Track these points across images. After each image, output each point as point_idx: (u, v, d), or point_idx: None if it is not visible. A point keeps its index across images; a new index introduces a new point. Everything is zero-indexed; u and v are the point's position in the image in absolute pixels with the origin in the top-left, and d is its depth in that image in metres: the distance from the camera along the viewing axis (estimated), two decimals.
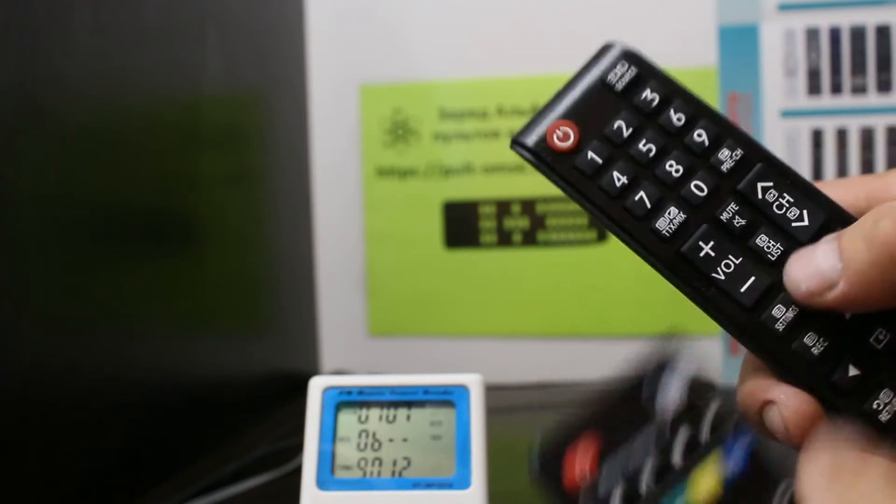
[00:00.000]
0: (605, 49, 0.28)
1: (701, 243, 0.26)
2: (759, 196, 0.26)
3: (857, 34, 0.76)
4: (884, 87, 0.76)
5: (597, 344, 0.81)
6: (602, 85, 0.27)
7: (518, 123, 0.82)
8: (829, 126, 0.77)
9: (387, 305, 0.85)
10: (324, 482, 0.40)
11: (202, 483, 0.53)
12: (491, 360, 0.82)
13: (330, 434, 0.41)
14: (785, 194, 0.26)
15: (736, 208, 0.26)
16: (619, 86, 0.27)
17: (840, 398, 0.25)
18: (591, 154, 0.26)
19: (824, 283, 0.24)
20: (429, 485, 0.40)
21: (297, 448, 0.52)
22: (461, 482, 0.40)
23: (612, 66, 0.27)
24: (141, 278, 0.55)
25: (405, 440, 0.41)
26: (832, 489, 0.22)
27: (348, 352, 0.86)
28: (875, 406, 0.24)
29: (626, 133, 0.27)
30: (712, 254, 0.25)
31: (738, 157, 0.26)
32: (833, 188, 0.27)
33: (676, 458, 0.25)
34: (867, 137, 0.76)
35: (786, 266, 0.25)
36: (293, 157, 0.82)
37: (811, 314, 0.25)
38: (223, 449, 0.62)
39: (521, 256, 0.82)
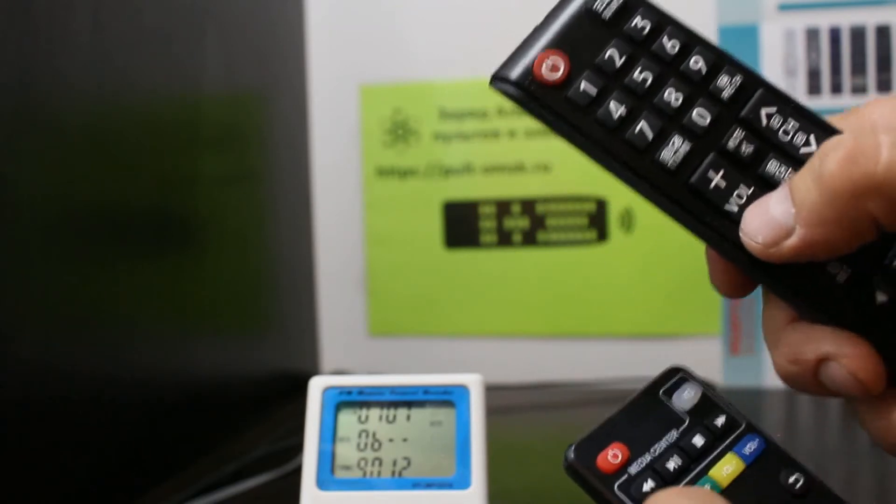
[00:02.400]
0: None
1: (710, 173, 0.24)
2: (764, 123, 0.25)
3: (857, 34, 0.76)
4: (884, 87, 0.76)
5: (597, 344, 0.81)
6: (588, 13, 0.26)
7: (518, 123, 0.82)
8: None
9: (387, 305, 0.85)
10: (324, 482, 0.40)
11: (202, 483, 0.53)
12: (491, 360, 0.82)
13: (330, 434, 0.41)
14: (790, 119, 0.25)
15: (742, 135, 0.24)
16: (607, 13, 0.26)
17: (873, 325, 0.24)
18: (584, 84, 0.25)
19: (781, 231, 0.23)
20: (429, 485, 0.40)
21: (297, 448, 0.52)
22: (461, 482, 0.40)
23: None
24: (141, 278, 0.55)
25: (405, 440, 0.41)
26: None
27: (348, 352, 0.86)
28: None
29: (618, 62, 0.25)
30: (723, 184, 0.24)
31: (737, 84, 0.25)
32: None
33: (698, 447, 0.27)
34: None
35: (742, 219, 0.24)
36: (293, 157, 0.82)
37: None
38: (223, 449, 0.62)
39: (521, 256, 0.83)
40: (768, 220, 0.23)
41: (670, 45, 0.25)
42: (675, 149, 0.24)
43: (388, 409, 0.42)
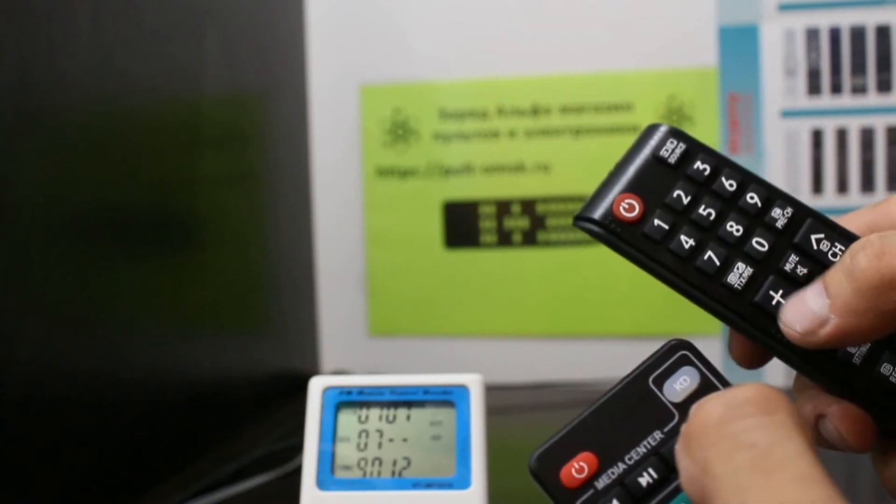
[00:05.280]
0: (651, 129, 0.30)
1: (771, 292, 0.28)
2: (815, 247, 0.28)
3: (857, 34, 0.76)
4: (884, 87, 0.76)
5: (597, 344, 0.81)
6: (655, 160, 0.30)
7: (518, 123, 0.82)
8: (829, 126, 0.77)
9: (387, 305, 0.85)
10: (324, 482, 0.40)
11: (202, 483, 0.53)
12: (491, 360, 0.82)
13: (330, 434, 0.41)
14: (836, 244, 0.28)
15: (797, 259, 0.28)
16: (672, 159, 0.29)
17: (872, 393, 0.27)
18: (657, 221, 0.29)
19: (816, 321, 0.26)
20: (429, 485, 0.40)
21: (297, 448, 0.52)
22: (461, 482, 0.40)
23: (662, 142, 0.30)
24: (141, 278, 0.55)
25: (405, 440, 0.41)
26: None
27: (348, 352, 0.86)
28: None
29: (685, 201, 0.29)
30: (783, 301, 0.27)
31: (789, 215, 0.29)
32: (845, 223, 0.29)
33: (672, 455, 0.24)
34: (867, 137, 0.76)
35: (780, 312, 0.27)
36: (293, 157, 0.82)
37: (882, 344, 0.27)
38: (223, 449, 0.62)
39: (521, 256, 0.83)
40: (806, 311, 0.26)
41: (728, 184, 0.29)
42: (739, 273, 0.28)
43: (388, 409, 0.42)
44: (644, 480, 0.24)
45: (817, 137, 0.77)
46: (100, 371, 0.50)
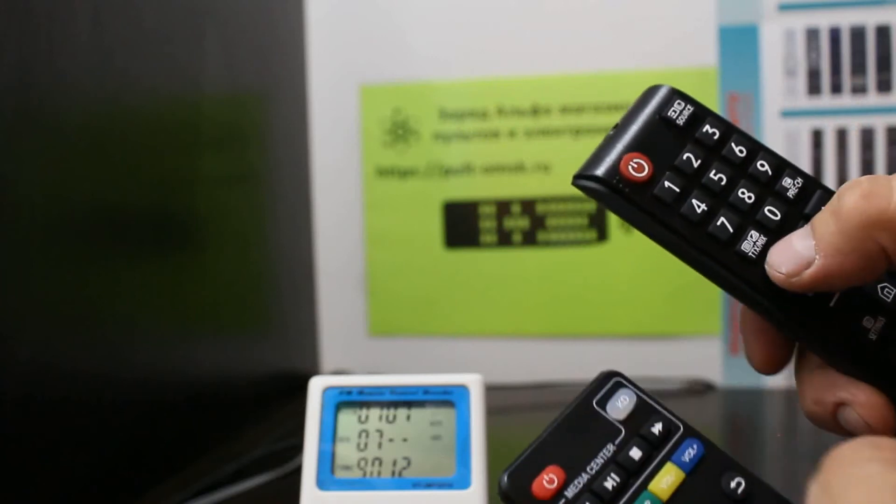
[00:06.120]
0: (653, 90, 0.29)
1: None
2: None
3: (857, 34, 0.76)
4: (884, 87, 0.76)
5: (597, 344, 0.81)
6: (661, 120, 0.28)
7: (518, 123, 0.82)
8: (829, 126, 0.77)
9: (387, 305, 0.85)
10: (324, 482, 0.40)
11: (202, 483, 0.53)
12: (491, 360, 0.82)
13: (330, 434, 0.41)
14: None
15: None
16: (681, 121, 0.28)
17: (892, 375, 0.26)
18: (667, 183, 0.28)
19: (802, 262, 0.25)
20: (429, 485, 0.40)
21: (297, 448, 0.52)
22: (461, 482, 0.40)
23: (667, 102, 0.29)
24: (141, 278, 0.55)
25: (405, 440, 0.41)
26: None
27: (348, 352, 0.86)
28: None
29: (695, 164, 0.28)
30: None
31: (800, 185, 0.28)
32: None
33: (636, 460, 0.26)
34: (867, 137, 0.76)
35: (767, 255, 0.27)
36: (293, 157, 0.82)
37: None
38: (223, 449, 0.62)
39: (521, 256, 0.83)
40: (791, 253, 0.26)
41: (738, 150, 0.28)
42: (753, 241, 0.27)
43: (388, 409, 0.42)
44: (609, 484, 0.26)
45: (817, 137, 0.77)
46: (100, 371, 0.50)
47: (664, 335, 0.80)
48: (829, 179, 0.76)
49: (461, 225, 0.83)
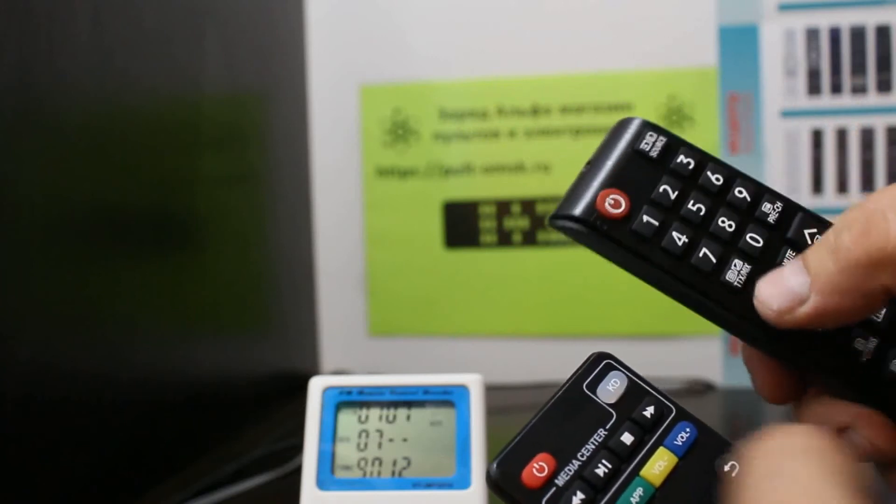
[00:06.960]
0: (624, 123, 0.29)
1: None
2: (809, 241, 0.27)
3: (857, 34, 0.76)
4: (884, 87, 0.76)
5: (597, 344, 0.81)
6: (635, 153, 0.28)
7: (518, 123, 0.82)
8: (829, 126, 0.77)
9: (387, 305, 0.85)
10: (324, 482, 0.40)
11: (202, 483, 0.53)
12: (491, 360, 0.82)
13: (330, 434, 0.41)
14: None
15: (793, 255, 0.27)
16: (654, 153, 0.28)
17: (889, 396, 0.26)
18: (646, 218, 0.27)
19: (795, 299, 0.25)
20: (429, 485, 0.40)
21: (297, 448, 0.52)
22: (461, 482, 0.40)
23: (639, 135, 0.28)
24: (141, 278, 0.55)
25: (405, 440, 0.41)
26: None
27: (348, 352, 0.86)
28: None
29: (672, 196, 0.28)
30: None
31: (780, 209, 0.28)
32: None
33: (627, 445, 0.26)
34: (867, 137, 0.76)
35: (755, 289, 0.26)
36: (293, 157, 0.82)
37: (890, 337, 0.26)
38: (223, 449, 0.62)
39: (521, 256, 0.83)
40: (783, 289, 0.25)
41: (714, 178, 0.28)
42: (737, 271, 0.27)
43: (388, 409, 0.42)
44: (601, 471, 0.25)
45: (817, 137, 0.77)
46: (100, 371, 0.50)
47: (664, 335, 0.80)
48: (829, 179, 0.76)
49: (461, 225, 0.83)
